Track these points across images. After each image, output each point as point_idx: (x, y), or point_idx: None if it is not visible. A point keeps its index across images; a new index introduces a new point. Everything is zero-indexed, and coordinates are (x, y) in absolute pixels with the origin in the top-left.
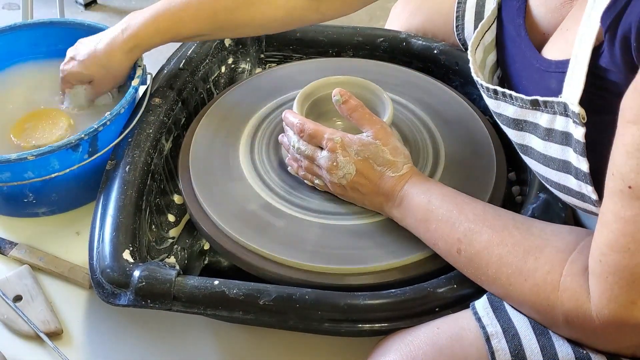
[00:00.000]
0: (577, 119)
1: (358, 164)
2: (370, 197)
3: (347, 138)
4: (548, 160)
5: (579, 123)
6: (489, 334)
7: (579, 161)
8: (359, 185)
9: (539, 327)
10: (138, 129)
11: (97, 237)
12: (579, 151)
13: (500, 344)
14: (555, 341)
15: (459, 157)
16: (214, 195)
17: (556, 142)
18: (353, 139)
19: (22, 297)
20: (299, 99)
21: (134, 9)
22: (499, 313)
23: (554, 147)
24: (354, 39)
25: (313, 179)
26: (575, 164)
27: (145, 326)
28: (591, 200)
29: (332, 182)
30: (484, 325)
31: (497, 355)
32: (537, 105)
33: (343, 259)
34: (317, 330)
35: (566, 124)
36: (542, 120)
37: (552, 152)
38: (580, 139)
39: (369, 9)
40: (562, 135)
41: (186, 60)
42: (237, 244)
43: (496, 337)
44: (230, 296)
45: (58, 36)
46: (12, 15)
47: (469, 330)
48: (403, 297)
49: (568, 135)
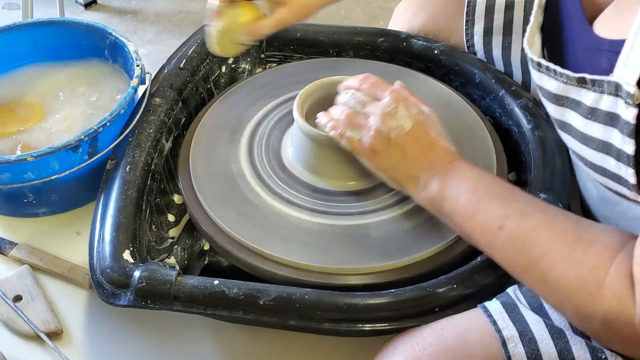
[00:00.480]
0: (631, 100)
1: (415, 123)
2: (411, 160)
3: (413, 98)
4: (587, 140)
5: (631, 104)
6: (505, 338)
7: (624, 142)
8: (406, 144)
9: (556, 331)
10: (138, 129)
11: (97, 237)
12: (627, 132)
13: (517, 349)
14: (573, 345)
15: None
16: (214, 195)
17: (599, 122)
18: (417, 101)
19: (22, 297)
20: (299, 99)
21: (134, 9)
22: (514, 316)
23: (596, 127)
24: (355, 39)
25: (346, 131)
26: (619, 145)
27: (145, 326)
28: (628, 183)
29: (378, 130)
30: (499, 329)
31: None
32: (583, 83)
33: (343, 259)
34: (317, 330)
35: (614, 104)
36: (586, 99)
37: (593, 132)
38: (631, 120)
39: (369, 8)
40: (607, 115)
41: (187, 60)
42: (237, 243)
43: (512, 342)
44: (230, 296)
45: (58, 36)
46: (12, 15)
47: (475, 330)
48: (403, 297)
49: (614, 116)
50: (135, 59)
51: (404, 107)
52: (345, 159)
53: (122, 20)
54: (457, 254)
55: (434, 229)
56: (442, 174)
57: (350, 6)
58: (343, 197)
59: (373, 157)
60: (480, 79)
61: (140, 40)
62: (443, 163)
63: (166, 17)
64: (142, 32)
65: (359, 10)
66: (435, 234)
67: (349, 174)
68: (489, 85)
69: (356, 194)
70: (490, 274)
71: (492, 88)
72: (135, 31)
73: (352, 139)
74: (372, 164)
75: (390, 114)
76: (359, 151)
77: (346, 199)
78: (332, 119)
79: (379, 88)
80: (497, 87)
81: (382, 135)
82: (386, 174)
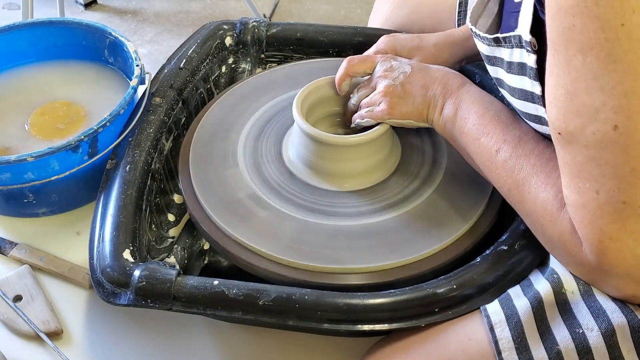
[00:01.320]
0: (529, 47)
1: (413, 65)
2: (425, 90)
3: (398, 56)
4: (513, 91)
5: (530, 51)
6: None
7: (533, 85)
8: (414, 81)
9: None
10: (138, 129)
11: (97, 237)
12: (533, 76)
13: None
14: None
15: (459, 158)
16: (214, 195)
17: (515, 74)
18: (404, 59)
19: (22, 297)
20: (298, 98)
21: (134, 9)
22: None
23: (515, 78)
24: (355, 39)
25: (362, 113)
26: (530, 89)
27: (145, 326)
28: (546, 121)
29: (385, 86)
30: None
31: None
32: (499, 42)
33: (342, 259)
34: (317, 331)
35: (521, 54)
36: (505, 55)
37: (514, 83)
38: (533, 65)
39: (369, 9)
40: (519, 66)
41: (187, 60)
42: (236, 243)
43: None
44: (229, 296)
45: (58, 36)
46: (12, 15)
47: (476, 341)
48: (402, 297)
49: (523, 65)
50: (135, 59)
51: (396, 60)
52: (346, 158)
53: (122, 20)
54: (456, 254)
55: (434, 229)
56: (454, 97)
57: (350, 6)
58: (343, 196)
59: (393, 110)
60: (481, 78)
61: (140, 40)
62: (455, 86)
63: (166, 17)
64: (142, 32)
65: (359, 10)
66: (435, 234)
67: (349, 173)
68: (489, 85)
69: (356, 193)
70: (490, 274)
71: (492, 88)
72: (135, 31)
73: (370, 112)
74: (397, 116)
75: (388, 69)
76: (380, 116)
77: (346, 198)
78: (351, 113)
79: (367, 62)
80: (496, 87)
81: (391, 87)
82: (412, 117)
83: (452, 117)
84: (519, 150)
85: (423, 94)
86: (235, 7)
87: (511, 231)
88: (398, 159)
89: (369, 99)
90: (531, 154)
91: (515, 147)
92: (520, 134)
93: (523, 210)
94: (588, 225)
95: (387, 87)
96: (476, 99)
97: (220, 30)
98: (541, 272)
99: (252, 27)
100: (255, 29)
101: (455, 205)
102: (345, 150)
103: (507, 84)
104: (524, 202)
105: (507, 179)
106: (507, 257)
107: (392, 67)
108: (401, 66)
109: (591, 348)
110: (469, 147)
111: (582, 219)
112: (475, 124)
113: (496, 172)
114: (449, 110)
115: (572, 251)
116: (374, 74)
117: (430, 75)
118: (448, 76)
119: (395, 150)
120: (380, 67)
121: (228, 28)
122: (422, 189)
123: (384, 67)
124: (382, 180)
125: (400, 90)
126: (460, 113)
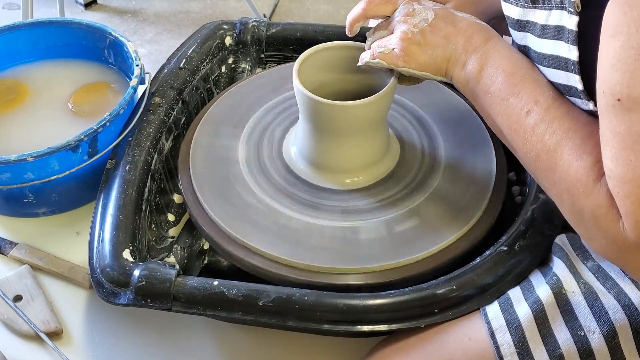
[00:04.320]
0: (572, 8)
1: (437, 11)
2: (446, 42)
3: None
4: (541, 58)
5: (573, 12)
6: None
7: (569, 50)
8: (436, 30)
9: None
10: (138, 128)
11: (97, 236)
12: (571, 40)
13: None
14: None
15: (459, 157)
16: (214, 195)
17: (549, 38)
18: (429, 2)
19: (22, 297)
20: (297, 64)
21: (134, 9)
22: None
23: (547, 43)
24: (354, 39)
25: (376, 49)
26: (566, 54)
27: (145, 326)
28: (577, 91)
29: (403, 32)
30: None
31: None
32: (536, 3)
33: (343, 259)
34: (316, 331)
35: (560, 16)
36: (539, 18)
37: (545, 49)
38: (574, 27)
39: None
40: (555, 29)
41: (187, 60)
42: (236, 243)
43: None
44: (229, 297)
45: (58, 36)
46: (12, 15)
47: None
48: (402, 298)
49: (561, 28)
50: (135, 59)
51: (419, 5)
52: (347, 144)
53: (122, 20)
54: (456, 255)
55: (433, 229)
56: (480, 53)
57: (350, 6)
58: (344, 195)
59: (409, 60)
60: None
61: (140, 40)
62: (480, 40)
63: (166, 17)
64: (142, 32)
65: None
66: (435, 234)
67: (349, 166)
68: None
69: (357, 192)
70: (490, 274)
71: None
72: (135, 31)
73: (383, 53)
74: (413, 66)
75: (409, 14)
76: (394, 60)
77: (347, 198)
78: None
79: (388, 4)
80: None
81: (409, 33)
82: (429, 69)
83: (476, 74)
84: (552, 112)
85: (443, 45)
86: (235, 7)
87: (511, 232)
88: (397, 159)
89: (383, 41)
90: (565, 116)
91: (547, 108)
92: (553, 95)
93: (550, 179)
94: (636, 201)
95: (405, 32)
96: (504, 56)
97: (220, 30)
98: (542, 274)
99: (252, 27)
100: (255, 28)
101: (455, 206)
102: (347, 135)
103: (535, 51)
104: (553, 170)
105: (536, 143)
106: (507, 258)
107: (414, 11)
108: (424, 11)
109: (593, 350)
110: (494, 107)
111: (629, 194)
112: (504, 82)
113: (524, 136)
114: (472, 66)
115: (605, 226)
116: (393, 17)
117: (454, 24)
118: (474, 28)
119: (394, 149)
120: (401, 10)
121: (228, 28)
122: (422, 189)
123: (404, 10)
124: (381, 178)
125: (419, 38)
126: (487, 70)
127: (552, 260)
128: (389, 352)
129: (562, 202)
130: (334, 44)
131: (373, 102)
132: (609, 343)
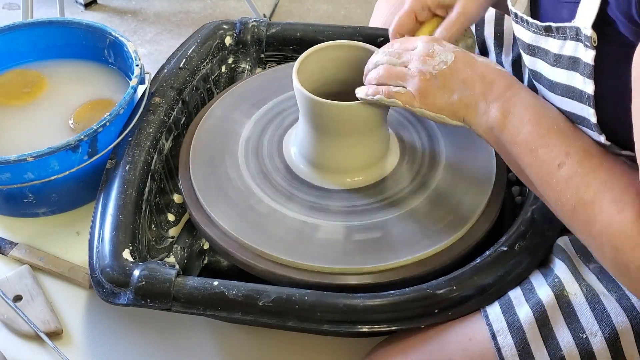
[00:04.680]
0: (589, 42)
1: (457, 54)
2: (464, 88)
3: (444, 41)
4: (554, 86)
5: (589, 46)
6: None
7: (585, 84)
8: (455, 75)
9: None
10: (138, 128)
11: (97, 236)
12: (587, 74)
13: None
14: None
15: (459, 157)
16: (214, 195)
17: (563, 68)
18: (449, 44)
19: (22, 297)
20: (296, 64)
21: (134, 9)
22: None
23: (561, 73)
24: (354, 39)
25: (390, 87)
26: (581, 87)
27: (145, 326)
28: (590, 124)
29: (422, 72)
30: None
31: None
32: (549, 32)
33: (343, 259)
34: (316, 331)
35: (575, 48)
36: (552, 46)
37: (559, 78)
38: (590, 61)
39: (369, 8)
40: (570, 60)
41: (186, 60)
42: (236, 243)
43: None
44: (229, 297)
45: (58, 36)
46: (12, 15)
47: (478, 341)
48: (402, 298)
49: (576, 60)
50: (135, 59)
51: (440, 46)
52: (347, 144)
53: (122, 20)
54: (456, 255)
55: (433, 230)
56: (502, 100)
57: (350, 6)
58: (343, 195)
59: (425, 100)
60: None
61: (140, 40)
62: (501, 87)
63: (166, 17)
64: (142, 32)
65: (359, 10)
66: (435, 234)
67: (349, 166)
68: None
69: (356, 192)
70: (490, 275)
71: None
72: (135, 31)
73: (398, 92)
74: (428, 108)
75: (429, 54)
76: (409, 101)
77: (347, 197)
78: (370, 84)
79: (409, 41)
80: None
81: (427, 74)
82: (445, 113)
83: (499, 123)
84: (585, 164)
85: (462, 90)
86: (235, 7)
87: (511, 232)
88: (397, 159)
89: (394, 71)
90: (600, 169)
91: (580, 161)
92: (584, 146)
93: (588, 232)
94: None
95: (423, 73)
96: (529, 105)
97: (220, 30)
98: (542, 275)
99: (252, 27)
100: (255, 28)
101: (455, 206)
102: (347, 136)
103: (547, 78)
104: (592, 223)
105: (571, 197)
106: (507, 258)
107: (434, 52)
108: (444, 53)
109: (594, 353)
110: (522, 158)
111: None
112: (531, 133)
113: (557, 189)
114: (495, 115)
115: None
116: (413, 50)
117: (474, 69)
118: (494, 74)
119: (394, 149)
120: (422, 46)
121: (228, 28)
122: (422, 189)
123: (424, 50)
124: (381, 178)
125: (438, 81)
126: (511, 120)
127: (554, 261)
128: (389, 353)
129: (603, 255)
130: (333, 43)
131: (373, 102)
132: (611, 346)
